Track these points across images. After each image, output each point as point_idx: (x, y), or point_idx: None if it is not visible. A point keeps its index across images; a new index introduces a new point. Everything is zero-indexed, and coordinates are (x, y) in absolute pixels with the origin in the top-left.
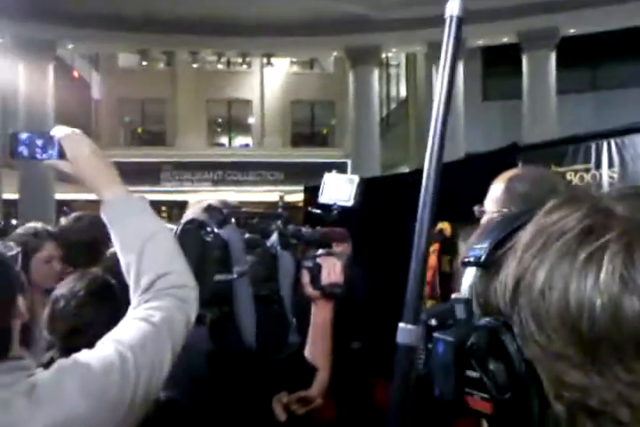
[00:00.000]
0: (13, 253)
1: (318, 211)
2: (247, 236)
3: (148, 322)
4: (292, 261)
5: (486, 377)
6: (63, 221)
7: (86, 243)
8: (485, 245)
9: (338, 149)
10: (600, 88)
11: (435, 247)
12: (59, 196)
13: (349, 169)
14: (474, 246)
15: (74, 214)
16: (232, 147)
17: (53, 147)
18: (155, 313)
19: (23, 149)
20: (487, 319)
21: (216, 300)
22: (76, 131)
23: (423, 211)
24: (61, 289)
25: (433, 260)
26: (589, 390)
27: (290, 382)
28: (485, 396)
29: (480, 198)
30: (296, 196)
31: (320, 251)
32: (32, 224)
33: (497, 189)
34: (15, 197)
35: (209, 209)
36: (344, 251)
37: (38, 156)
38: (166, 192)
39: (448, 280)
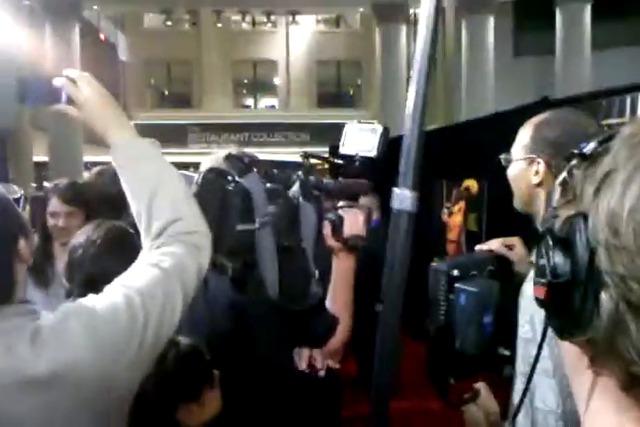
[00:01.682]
0: (17, 196)
1: (340, 162)
2: (268, 186)
3: (158, 267)
4: (315, 213)
5: (549, 262)
6: (85, 175)
7: (108, 197)
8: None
9: (364, 109)
10: (637, 43)
11: (460, 206)
12: (87, 158)
13: None
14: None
15: (95, 169)
16: (258, 108)
17: (61, 92)
18: (165, 259)
19: (32, 95)
20: (570, 210)
21: (238, 250)
22: (84, 74)
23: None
24: (79, 238)
25: (459, 219)
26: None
27: (312, 332)
28: (543, 281)
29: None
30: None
31: (341, 203)
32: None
33: (525, 135)
34: (46, 159)
35: (229, 158)
36: (367, 203)
37: (46, 101)
38: (193, 154)
39: (475, 238)
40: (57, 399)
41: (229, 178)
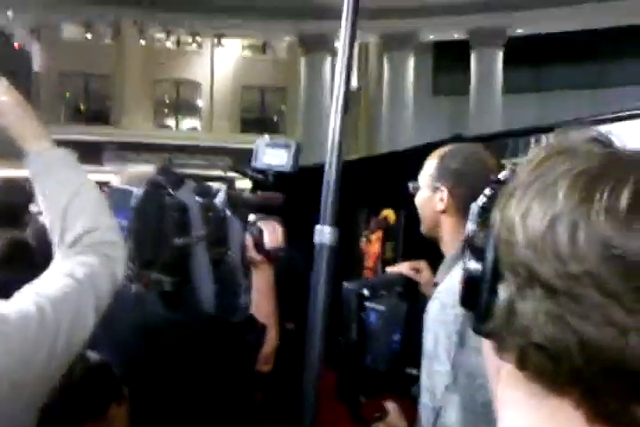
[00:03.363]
0: None
1: (259, 176)
2: (200, 199)
3: (71, 277)
4: (240, 225)
5: (465, 265)
6: None
7: (4, 206)
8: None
9: (288, 136)
10: (544, 89)
11: (378, 235)
12: None
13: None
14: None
15: None
16: (179, 129)
17: None
18: (78, 268)
19: None
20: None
21: (175, 265)
22: (1, 81)
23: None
24: None
25: (376, 247)
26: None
27: (247, 342)
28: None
29: None
30: (245, 182)
31: (253, 216)
32: None
33: (430, 165)
34: None
35: (164, 171)
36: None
37: None
38: (109, 172)
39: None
40: None
41: (167, 191)
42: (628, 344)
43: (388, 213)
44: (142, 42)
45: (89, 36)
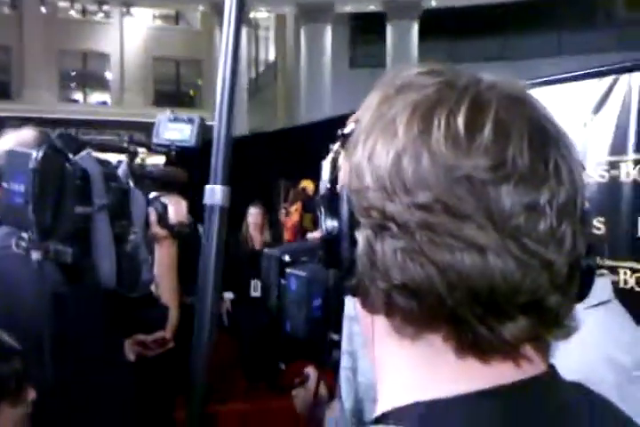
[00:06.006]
0: None
1: (163, 149)
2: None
3: None
4: (143, 198)
5: (321, 225)
6: None
7: None
8: None
9: (205, 110)
10: (458, 61)
11: (297, 206)
12: None
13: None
14: None
15: None
16: (87, 103)
17: None
18: None
19: None
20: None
21: (75, 235)
22: None
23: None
24: None
25: (295, 218)
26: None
27: (146, 319)
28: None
29: None
30: (159, 158)
31: (154, 193)
32: None
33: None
34: None
35: (62, 136)
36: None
37: None
38: None
39: None
40: None
41: (67, 156)
42: (489, 264)
43: (307, 184)
44: (43, 10)
45: None
